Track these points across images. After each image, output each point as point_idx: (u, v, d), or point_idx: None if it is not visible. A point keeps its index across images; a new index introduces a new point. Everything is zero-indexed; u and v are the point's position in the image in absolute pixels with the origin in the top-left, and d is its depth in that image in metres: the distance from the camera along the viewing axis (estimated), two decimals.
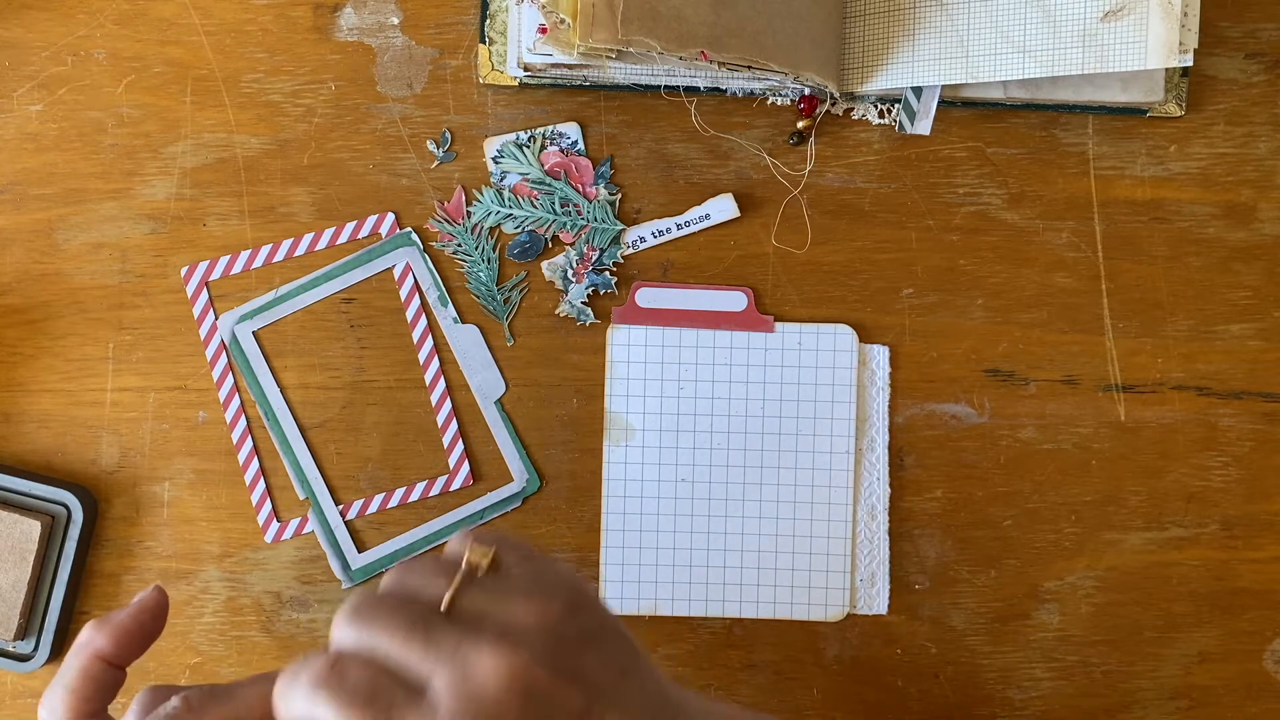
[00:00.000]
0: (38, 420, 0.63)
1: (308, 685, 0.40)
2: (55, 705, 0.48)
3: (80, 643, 0.49)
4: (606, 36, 0.55)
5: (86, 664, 0.48)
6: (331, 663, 0.40)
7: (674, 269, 0.63)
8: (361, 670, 0.40)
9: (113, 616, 0.49)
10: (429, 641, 0.40)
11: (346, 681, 0.39)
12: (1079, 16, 0.58)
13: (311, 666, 0.40)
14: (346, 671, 0.40)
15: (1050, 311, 0.63)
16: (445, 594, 0.41)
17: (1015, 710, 0.63)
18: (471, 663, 0.39)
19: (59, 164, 0.63)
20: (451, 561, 0.43)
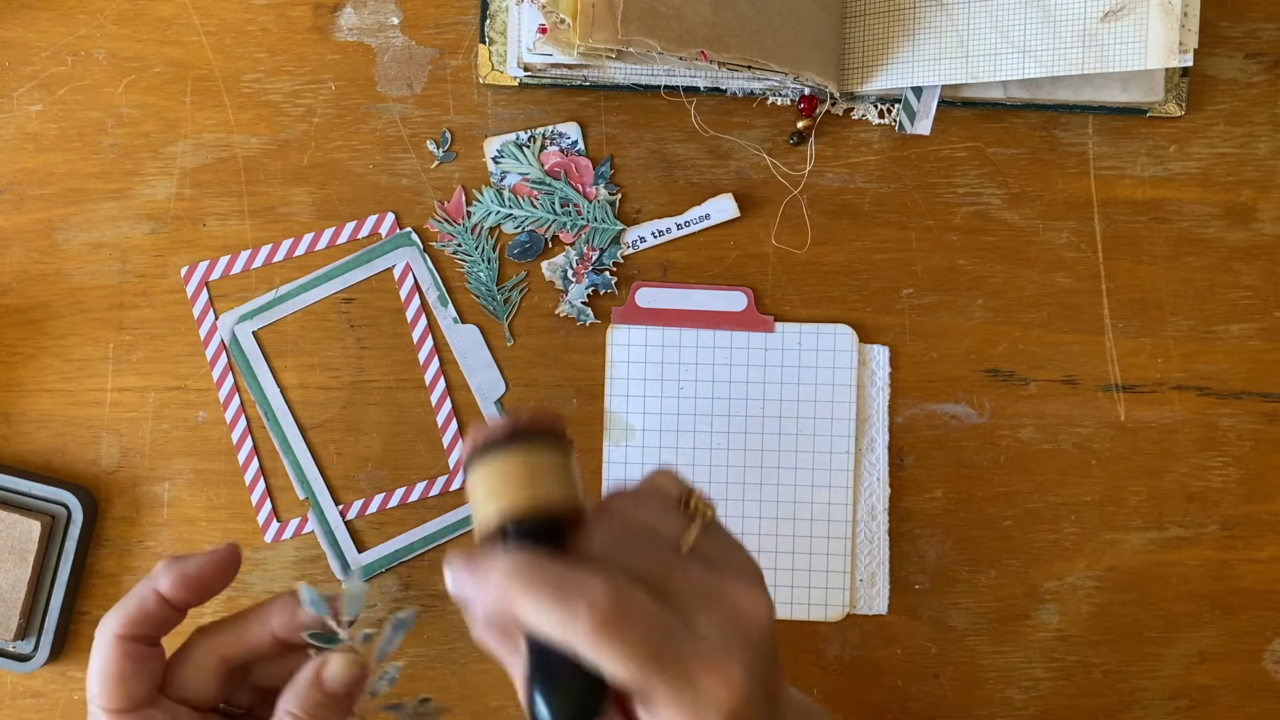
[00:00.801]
0: (38, 420, 0.63)
1: (590, 621, 0.38)
2: (109, 622, 0.50)
3: (150, 574, 0.51)
4: (606, 36, 0.55)
5: (145, 595, 0.50)
6: (615, 596, 0.39)
7: (674, 269, 0.63)
8: (645, 601, 0.39)
9: (183, 560, 0.51)
10: (688, 578, 0.41)
11: (634, 621, 0.39)
12: (1079, 16, 0.58)
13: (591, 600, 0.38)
14: (632, 601, 0.39)
15: (1050, 311, 0.63)
16: (684, 535, 0.42)
17: (1015, 710, 0.63)
18: (738, 600, 0.41)
19: (59, 164, 0.63)
20: (670, 499, 0.44)
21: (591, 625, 0.38)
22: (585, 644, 0.38)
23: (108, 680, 0.49)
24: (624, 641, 0.38)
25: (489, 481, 0.41)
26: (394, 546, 0.63)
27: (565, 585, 0.39)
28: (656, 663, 0.39)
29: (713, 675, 0.39)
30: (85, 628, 0.63)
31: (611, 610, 0.38)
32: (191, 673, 0.51)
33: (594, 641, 0.38)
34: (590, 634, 0.38)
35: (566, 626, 0.38)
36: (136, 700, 0.49)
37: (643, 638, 0.39)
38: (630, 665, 0.38)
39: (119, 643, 0.49)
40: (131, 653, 0.49)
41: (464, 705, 0.63)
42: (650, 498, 0.44)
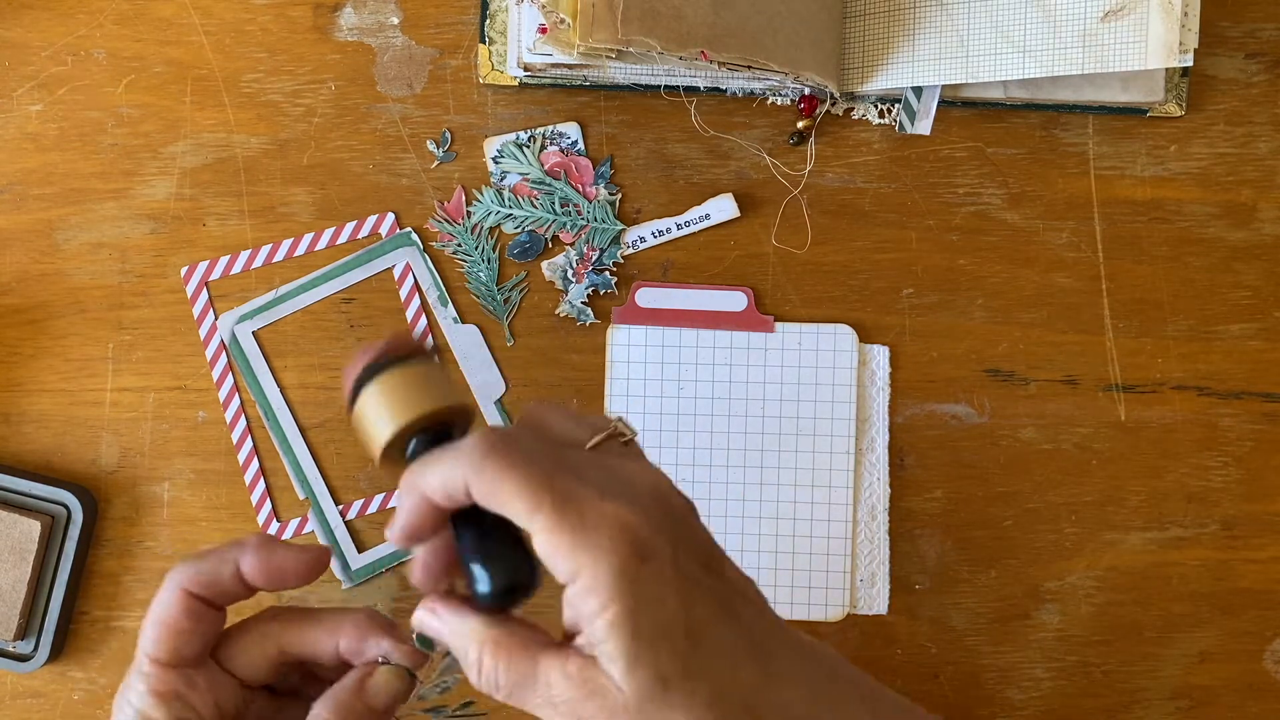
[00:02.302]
0: (37, 420, 0.63)
1: (476, 449, 0.40)
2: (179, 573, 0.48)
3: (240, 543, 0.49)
4: (606, 36, 0.55)
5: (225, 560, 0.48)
6: (500, 435, 0.41)
7: (674, 269, 0.63)
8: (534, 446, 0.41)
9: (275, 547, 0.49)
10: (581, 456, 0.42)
11: (519, 448, 0.40)
12: (1079, 16, 0.58)
13: (478, 435, 0.41)
14: (519, 442, 0.41)
15: (1050, 311, 0.63)
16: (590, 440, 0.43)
17: (1015, 710, 0.63)
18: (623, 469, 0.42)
19: (59, 164, 0.63)
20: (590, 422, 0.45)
21: (476, 453, 0.40)
22: (472, 470, 0.40)
23: (162, 630, 0.47)
24: (510, 461, 0.40)
25: (375, 405, 0.43)
26: (394, 546, 0.63)
27: (458, 444, 0.41)
28: (547, 484, 0.40)
29: (602, 502, 0.40)
30: (85, 628, 0.63)
31: (494, 439, 0.41)
32: (248, 651, 0.49)
33: (478, 467, 0.40)
34: (477, 461, 0.40)
35: (454, 463, 0.40)
36: (184, 658, 0.47)
37: (530, 459, 0.40)
38: (520, 485, 0.39)
39: (184, 596, 0.47)
40: (193, 609, 0.47)
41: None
42: (566, 412, 0.45)
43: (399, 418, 0.43)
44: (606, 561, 0.39)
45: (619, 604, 0.39)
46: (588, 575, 0.39)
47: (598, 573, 0.39)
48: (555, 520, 0.39)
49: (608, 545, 0.39)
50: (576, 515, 0.39)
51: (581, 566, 0.39)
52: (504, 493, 0.40)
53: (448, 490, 0.41)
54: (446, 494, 0.41)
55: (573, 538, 0.39)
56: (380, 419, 0.43)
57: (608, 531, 0.39)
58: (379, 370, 0.43)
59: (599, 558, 0.39)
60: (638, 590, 0.39)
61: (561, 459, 0.41)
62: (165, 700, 0.47)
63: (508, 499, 0.40)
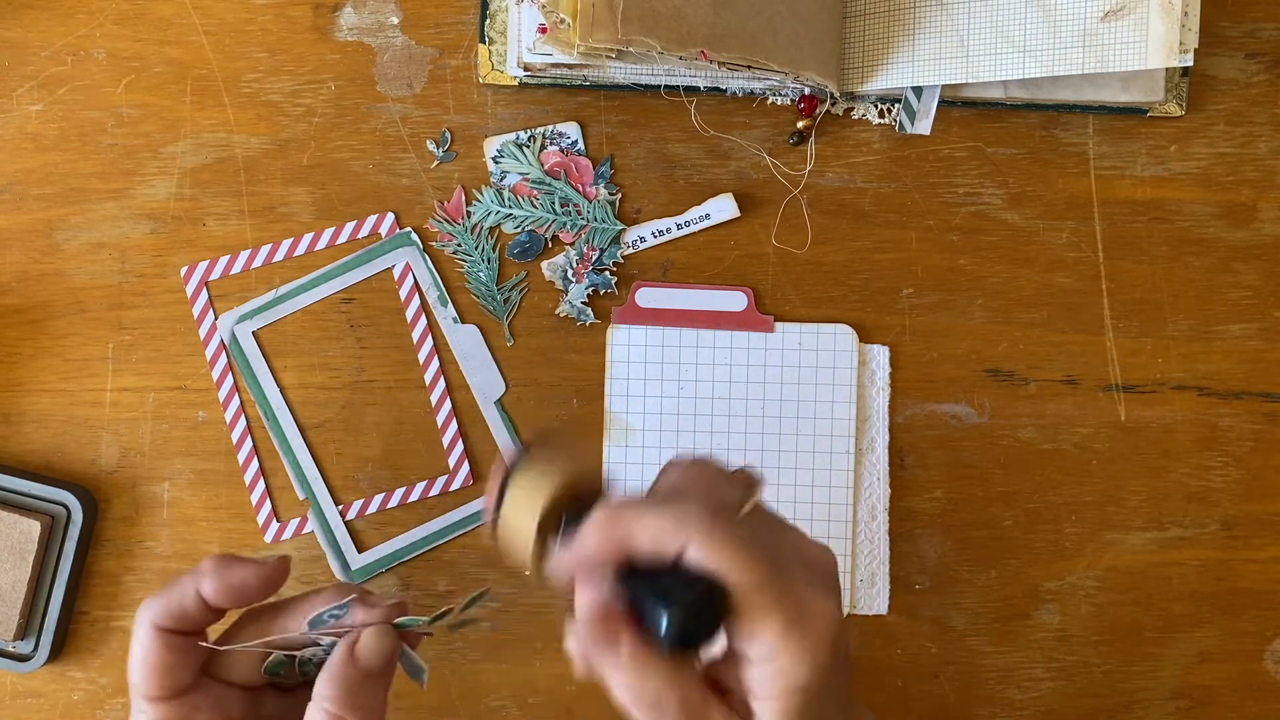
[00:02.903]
0: (37, 420, 0.63)
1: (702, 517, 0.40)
2: (147, 611, 0.48)
3: (196, 570, 0.49)
4: (606, 36, 0.55)
5: (186, 592, 0.49)
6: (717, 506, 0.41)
7: (674, 269, 0.63)
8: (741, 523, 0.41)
9: (231, 566, 0.49)
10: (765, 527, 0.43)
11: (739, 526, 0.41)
12: (1079, 16, 0.58)
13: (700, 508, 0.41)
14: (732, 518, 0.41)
15: (1050, 311, 0.63)
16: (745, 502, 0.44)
17: (1015, 710, 0.63)
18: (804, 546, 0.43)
19: (59, 164, 0.63)
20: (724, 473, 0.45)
21: (705, 515, 0.40)
22: (701, 534, 0.40)
23: (149, 671, 0.48)
24: (736, 533, 0.40)
25: (527, 488, 0.44)
26: (394, 546, 0.63)
27: (664, 501, 0.41)
28: (767, 564, 0.40)
29: (813, 593, 0.41)
30: (85, 628, 0.63)
31: (719, 508, 0.41)
32: (238, 656, 0.50)
33: (708, 530, 0.40)
34: (705, 523, 0.40)
35: (682, 522, 0.40)
36: (179, 688, 0.48)
37: (749, 537, 0.40)
38: (745, 560, 0.40)
39: (157, 634, 0.48)
40: (171, 643, 0.48)
41: (464, 705, 0.63)
42: (704, 469, 0.45)
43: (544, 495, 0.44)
44: (811, 657, 0.40)
45: (802, 695, 0.40)
46: (786, 662, 0.40)
47: (798, 664, 0.40)
48: (775, 602, 0.40)
49: (816, 644, 0.40)
50: (795, 606, 0.40)
51: (783, 653, 0.40)
52: (730, 564, 0.40)
53: (658, 543, 0.41)
54: (656, 545, 0.41)
55: (785, 627, 0.40)
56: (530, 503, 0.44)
57: (818, 630, 0.40)
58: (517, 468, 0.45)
59: (804, 653, 0.40)
60: (819, 684, 0.40)
61: (762, 538, 0.42)
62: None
63: (734, 570, 0.40)
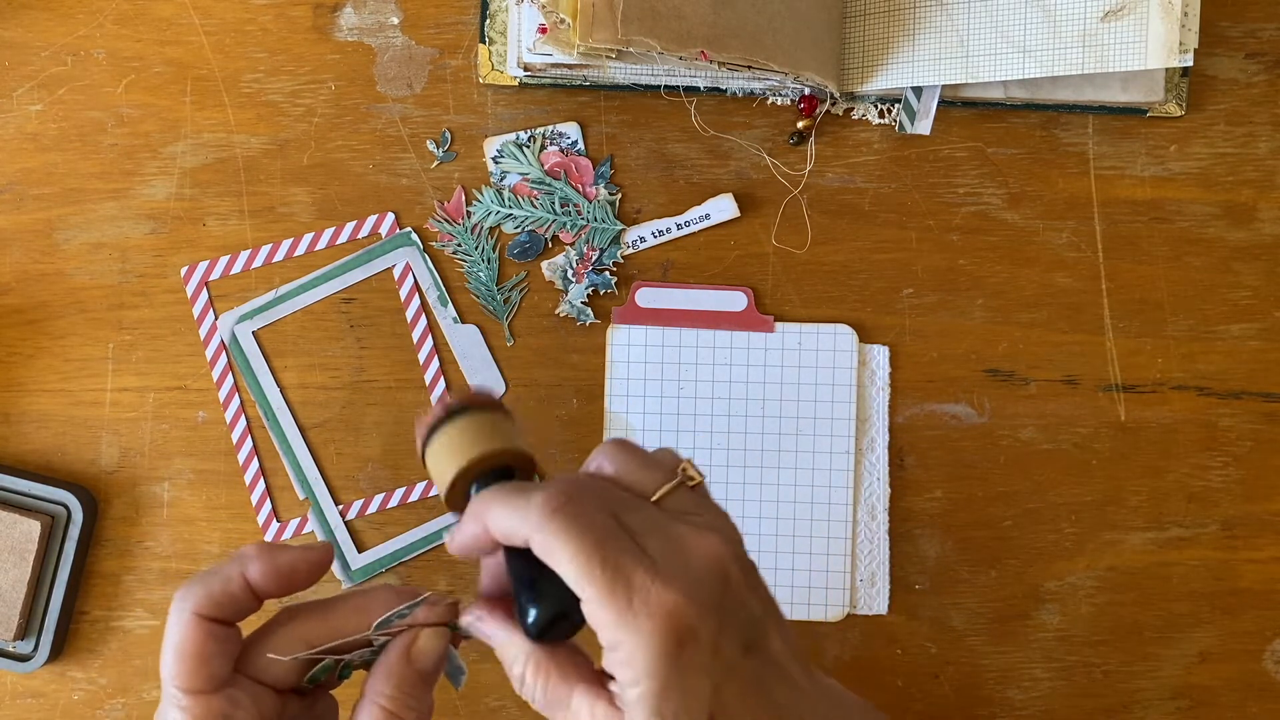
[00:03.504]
0: (37, 420, 0.63)
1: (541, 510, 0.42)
2: (187, 597, 0.47)
3: (239, 556, 0.49)
4: (606, 36, 0.55)
5: (231, 576, 0.48)
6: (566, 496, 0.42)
7: (674, 269, 0.63)
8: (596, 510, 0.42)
9: (276, 551, 0.48)
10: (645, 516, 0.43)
11: (582, 514, 0.42)
12: (1079, 16, 0.58)
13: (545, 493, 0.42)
14: (582, 505, 0.42)
15: (1050, 311, 0.63)
16: (657, 490, 0.45)
17: (1015, 710, 0.63)
18: (684, 538, 0.43)
19: (59, 164, 0.63)
20: (658, 465, 0.46)
21: (540, 513, 0.41)
22: (535, 529, 0.41)
23: (188, 660, 0.46)
24: (569, 527, 0.41)
25: (443, 449, 0.46)
26: (394, 546, 0.63)
27: (522, 490, 0.43)
28: (601, 557, 0.41)
29: (653, 584, 0.41)
30: (85, 628, 0.63)
31: (559, 502, 0.42)
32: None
33: (540, 527, 0.41)
34: (538, 521, 0.41)
35: (521, 515, 0.42)
36: (218, 681, 0.46)
37: (586, 530, 0.41)
38: (575, 554, 0.41)
39: (198, 621, 0.46)
40: (214, 632, 0.46)
41: (464, 705, 0.63)
42: (633, 452, 0.46)
43: (461, 458, 0.46)
44: (646, 644, 0.40)
45: (649, 683, 0.40)
46: (625, 651, 0.40)
47: (635, 651, 0.40)
48: (603, 595, 0.41)
49: (648, 629, 0.40)
50: (625, 593, 0.41)
51: (621, 641, 0.40)
52: (559, 557, 0.41)
53: (509, 536, 0.43)
54: (507, 538, 0.43)
55: (618, 616, 0.40)
56: (447, 459, 0.46)
57: (652, 616, 0.41)
58: (448, 418, 0.47)
59: (639, 640, 0.40)
60: (669, 673, 0.40)
61: (623, 523, 0.43)
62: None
63: (562, 564, 0.41)
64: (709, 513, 0.45)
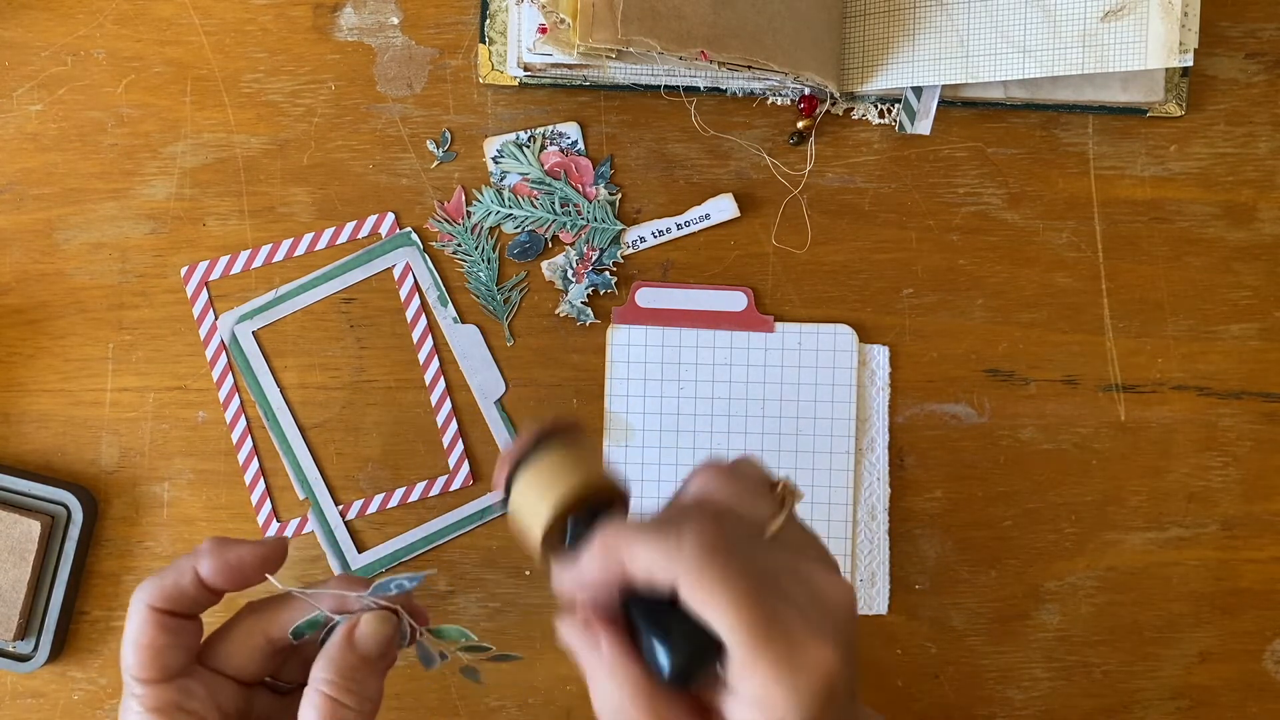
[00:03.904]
0: (37, 420, 0.63)
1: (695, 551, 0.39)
2: (143, 592, 0.48)
3: (194, 551, 0.49)
4: (606, 36, 0.55)
5: (183, 572, 0.49)
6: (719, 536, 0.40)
7: (674, 269, 0.63)
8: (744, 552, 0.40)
9: (228, 546, 0.49)
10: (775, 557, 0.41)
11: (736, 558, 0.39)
12: (1079, 16, 0.58)
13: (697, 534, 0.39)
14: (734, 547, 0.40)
15: (1050, 311, 0.63)
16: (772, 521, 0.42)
17: (1015, 710, 0.63)
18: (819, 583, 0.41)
19: (59, 164, 0.63)
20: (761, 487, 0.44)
21: (696, 551, 0.39)
22: (689, 573, 0.39)
23: (141, 651, 0.47)
24: (727, 574, 0.39)
25: (536, 484, 0.42)
26: (394, 546, 0.63)
27: (666, 524, 0.40)
28: (759, 607, 0.39)
29: (811, 639, 0.39)
30: (85, 628, 0.63)
31: (715, 539, 0.39)
32: (235, 648, 0.50)
33: (698, 568, 0.39)
34: (694, 561, 0.39)
35: (672, 556, 0.39)
36: (171, 671, 0.48)
37: (744, 574, 0.39)
38: (734, 603, 0.38)
39: (152, 614, 0.48)
40: (166, 624, 0.48)
41: (464, 705, 0.63)
42: (738, 478, 0.44)
43: (560, 490, 0.42)
44: (800, 700, 0.39)
45: None
46: (774, 706, 0.39)
47: (786, 709, 0.38)
48: (762, 647, 0.39)
49: (805, 685, 0.39)
50: (785, 646, 0.39)
51: (771, 697, 0.39)
52: (716, 604, 0.39)
53: (652, 577, 0.40)
54: (649, 577, 0.40)
55: (774, 670, 0.39)
56: (541, 493, 0.42)
57: (811, 672, 0.39)
58: (536, 449, 0.43)
59: (794, 696, 0.39)
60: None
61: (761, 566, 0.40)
62: (167, 714, 0.47)
63: (718, 612, 0.39)
64: (813, 540, 0.44)
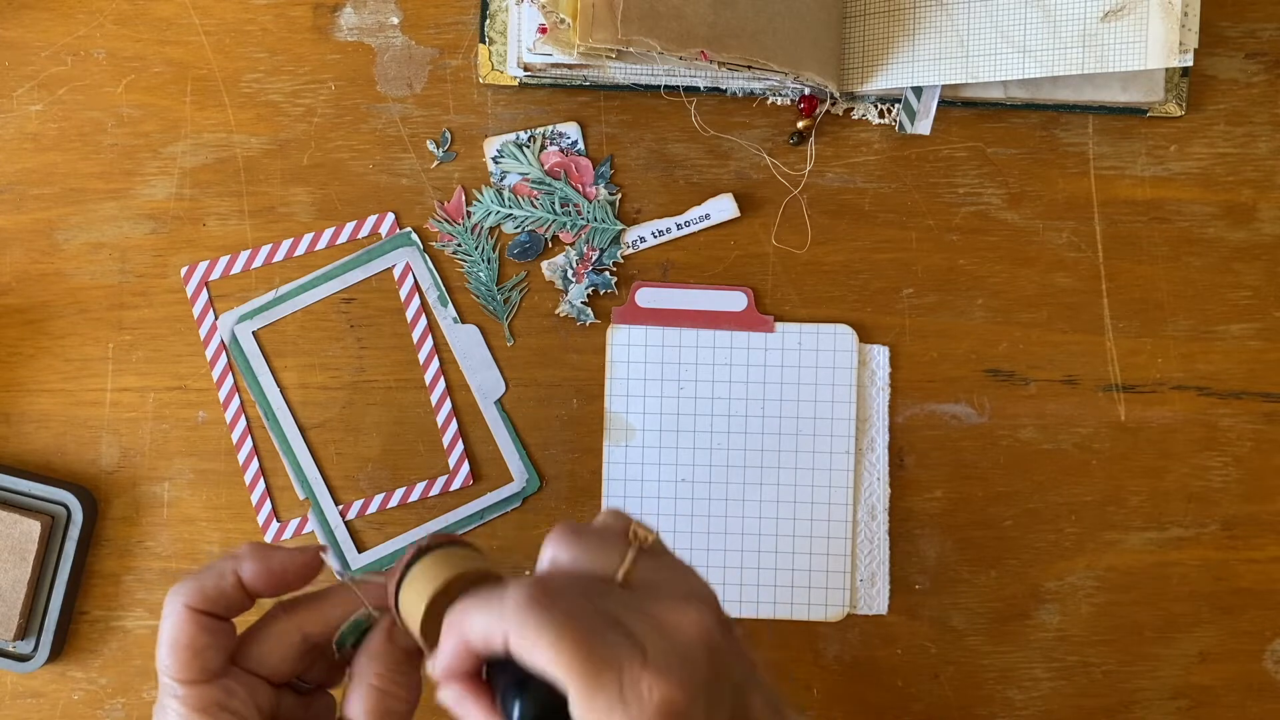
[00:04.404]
0: (38, 420, 0.63)
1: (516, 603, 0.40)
2: (181, 592, 0.48)
3: (234, 554, 0.49)
4: (606, 36, 0.55)
5: (224, 573, 0.49)
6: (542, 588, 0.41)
7: (674, 269, 0.63)
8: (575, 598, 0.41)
9: (270, 552, 0.49)
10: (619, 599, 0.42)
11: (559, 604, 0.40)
12: (1079, 16, 0.58)
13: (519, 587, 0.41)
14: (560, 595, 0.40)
15: (1050, 311, 0.63)
16: (620, 568, 0.43)
17: (1015, 710, 0.63)
18: (666, 617, 0.41)
19: (59, 164, 0.63)
20: (612, 534, 0.45)
21: (516, 606, 0.40)
22: (514, 627, 0.40)
23: (182, 651, 0.47)
24: (549, 620, 0.40)
25: (417, 581, 0.45)
26: (394, 546, 0.63)
27: (495, 590, 0.42)
28: (587, 648, 0.39)
29: (650, 676, 0.40)
30: (85, 628, 0.63)
31: (535, 593, 0.40)
32: (270, 647, 0.49)
33: (519, 621, 0.40)
34: (515, 614, 0.40)
35: (495, 616, 0.41)
36: (212, 671, 0.47)
37: (569, 621, 0.40)
38: (558, 646, 0.39)
39: (191, 614, 0.47)
40: (206, 625, 0.47)
41: None
42: (584, 536, 0.45)
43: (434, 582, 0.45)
44: None
45: None
46: None
47: None
48: (591, 688, 0.39)
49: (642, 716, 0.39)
50: (614, 686, 0.39)
51: None
52: (541, 651, 0.40)
53: (488, 640, 0.41)
54: (486, 643, 0.42)
55: (607, 711, 0.39)
56: (421, 589, 0.45)
57: (644, 710, 0.39)
58: (419, 557, 0.46)
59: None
60: None
61: (601, 610, 0.41)
62: (210, 714, 0.47)
63: (544, 658, 0.40)
64: (677, 575, 0.44)
